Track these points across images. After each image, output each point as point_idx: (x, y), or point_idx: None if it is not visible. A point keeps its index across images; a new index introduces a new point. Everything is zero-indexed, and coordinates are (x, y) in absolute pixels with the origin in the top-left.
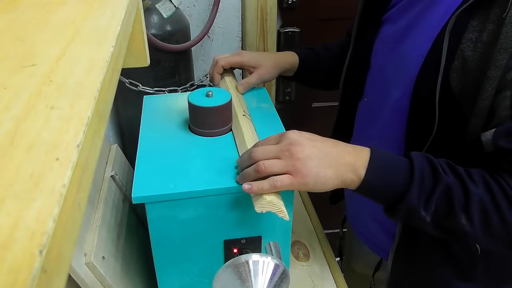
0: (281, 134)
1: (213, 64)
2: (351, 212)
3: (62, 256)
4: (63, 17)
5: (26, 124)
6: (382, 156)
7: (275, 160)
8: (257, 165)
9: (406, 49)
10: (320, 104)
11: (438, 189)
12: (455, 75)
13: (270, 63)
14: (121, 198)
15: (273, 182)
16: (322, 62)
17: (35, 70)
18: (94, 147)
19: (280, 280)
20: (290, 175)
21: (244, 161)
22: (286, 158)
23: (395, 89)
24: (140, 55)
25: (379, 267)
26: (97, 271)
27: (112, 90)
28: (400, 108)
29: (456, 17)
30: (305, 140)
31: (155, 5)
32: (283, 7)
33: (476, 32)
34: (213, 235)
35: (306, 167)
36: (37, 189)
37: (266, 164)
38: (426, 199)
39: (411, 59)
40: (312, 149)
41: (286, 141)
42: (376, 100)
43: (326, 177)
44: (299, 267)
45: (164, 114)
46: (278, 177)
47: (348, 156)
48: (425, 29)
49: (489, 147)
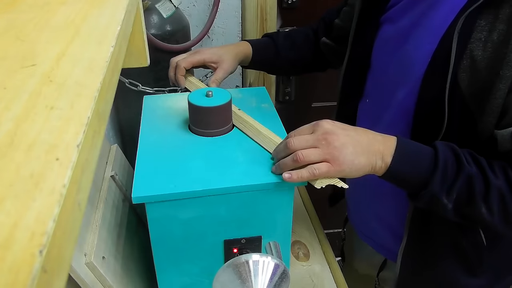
0: (314, 123)
1: (173, 66)
2: (353, 212)
3: (62, 256)
4: (63, 17)
5: (26, 124)
6: (407, 145)
7: (312, 149)
8: (295, 155)
9: (410, 49)
10: (320, 104)
11: (461, 179)
12: (464, 74)
13: (231, 56)
14: (121, 198)
15: (312, 170)
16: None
17: (35, 70)
18: (94, 147)
19: (280, 280)
20: (328, 163)
21: (280, 151)
22: (323, 147)
23: (399, 89)
24: (140, 55)
25: (383, 267)
26: (97, 271)
27: (112, 90)
28: (405, 107)
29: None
30: (339, 129)
31: (155, 5)
32: (283, 7)
33: (485, 32)
34: (213, 235)
35: (342, 154)
36: (37, 189)
37: (305, 153)
38: (448, 187)
39: (416, 59)
40: (346, 138)
41: (321, 130)
42: (379, 101)
43: (360, 164)
44: (299, 267)
45: (164, 114)
46: (316, 165)
47: (378, 143)
48: (430, 29)
49: (506, 144)
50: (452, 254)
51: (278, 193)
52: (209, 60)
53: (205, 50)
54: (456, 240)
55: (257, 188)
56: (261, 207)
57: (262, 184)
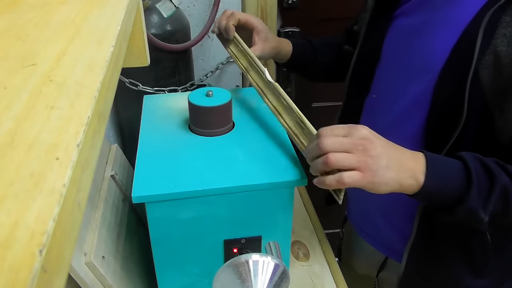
0: (351, 126)
1: (227, 15)
2: (354, 211)
3: (62, 256)
4: (63, 17)
5: (26, 124)
6: (437, 160)
7: (346, 154)
8: (327, 158)
9: (426, 43)
10: (320, 104)
11: (495, 190)
12: (486, 70)
13: (274, 40)
14: (121, 198)
15: (341, 179)
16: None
17: (35, 69)
18: (94, 147)
19: (280, 280)
20: (360, 171)
21: (311, 150)
22: (359, 153)
23: (413, 84)
24: (140, 55)
25: (383, 266)
26: (97, 271)
27: (112, 90)
28: (419, 103)
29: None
30: (375, 138)
31: (155, 5)
32: (283, 7)
33: (510, 28)
34: (213, 235)
35: (377, 165)
36: (37, 188)
37: (338, 158)
38: (484, 201)
39: (433, 53)
40: (381, 148)
41: (359, 135)
42: (387, 96)
43: (389, 179)
44: (299, 267)
45: (164, 114)
46: (347, 175)
47: (408, 160)
48: (449, 24)
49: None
50: (458, 254)
51: (278, 193)
52: (259, 29)
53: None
54: (463, 240)
55: (257, 188)
56: (261, 207)
57: (262, 184)
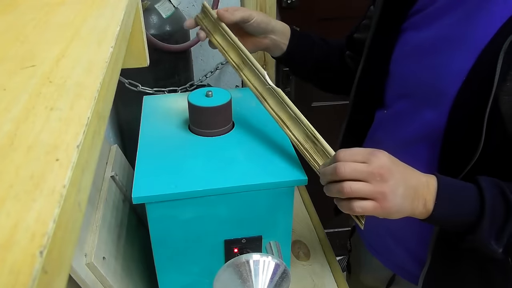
0: (370, 152)
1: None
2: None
3: (62, 257)
4: (63, 18)
5: (26, 125)
6: (449, 186)
7: (362, 184)
8: (342, 187)
9: (440, 63)
10: (320, 104)
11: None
12: (507, 97)
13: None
14: (121, 198)
15: (354, 209)
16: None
17: (34, 71)
18: (94, 148)
19: (281, 279)
20: (375, 202)
21: (328, 174)
22: (376, 184)
23: (425, 105)
24: (140, 56)
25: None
26: (97, 272)
27: (112, 91)
28: (433, 129)
29: None
30: (394, 166)
31: (154, 6)
32: (282, 7)
33: None
34: (213, 235)
35: (393, 195)
36: (37, 190)
37: (354, 188)
38: (497, 232)
39: (448, 75)
40: (399, 176)
41: (378, 163)
42: (399, 114)
43: (404, 208)
44: (299, 267)
45: (164, 114)
46: (358, 205)
47: (422, 187)
48: (464, 44)
49: None
50: (477, 279)
51: (278, 193)
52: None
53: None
54: (483, 265)
55: (257, 188)
56: (262, 207)
57: (262, 184)
